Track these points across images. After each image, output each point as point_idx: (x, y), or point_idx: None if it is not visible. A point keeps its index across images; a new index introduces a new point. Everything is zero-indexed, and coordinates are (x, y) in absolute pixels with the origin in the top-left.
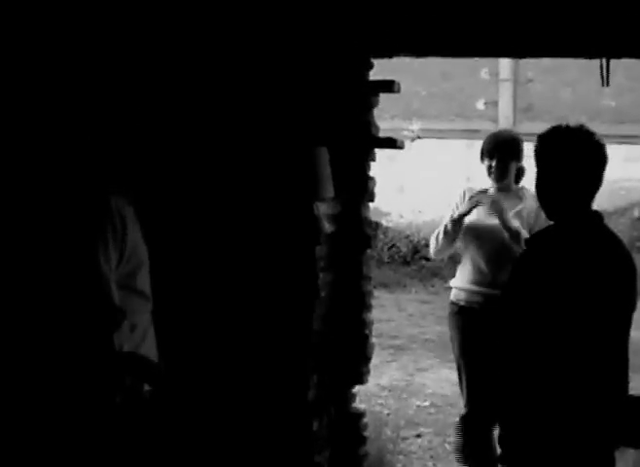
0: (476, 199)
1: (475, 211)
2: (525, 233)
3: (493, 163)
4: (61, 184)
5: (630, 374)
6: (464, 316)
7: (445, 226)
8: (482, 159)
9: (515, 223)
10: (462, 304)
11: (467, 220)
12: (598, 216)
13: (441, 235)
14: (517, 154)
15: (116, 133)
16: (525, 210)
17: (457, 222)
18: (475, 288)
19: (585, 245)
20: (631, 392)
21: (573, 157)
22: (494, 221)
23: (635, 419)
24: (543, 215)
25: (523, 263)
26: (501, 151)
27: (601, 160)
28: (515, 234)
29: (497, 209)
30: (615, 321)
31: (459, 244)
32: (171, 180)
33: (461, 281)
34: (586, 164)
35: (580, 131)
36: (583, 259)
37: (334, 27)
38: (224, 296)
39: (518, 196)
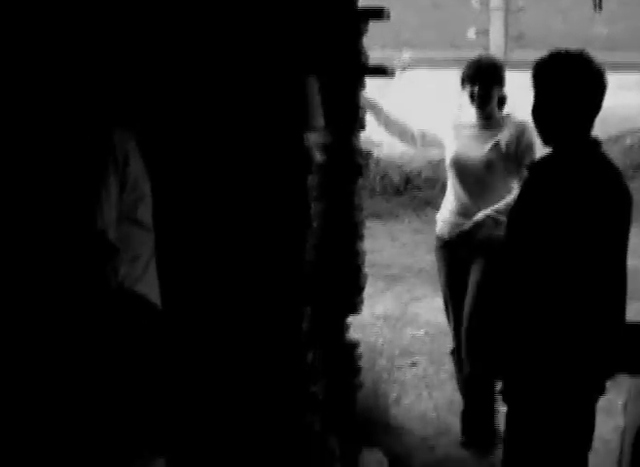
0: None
1: (458, 142)
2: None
3: (475, 90)
4: (63, 115)
5: (628, 301)
6: (448, 249)
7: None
8: (464, 85)
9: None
10: (446, 237)
11: (449, 152)
12: (596, 143)
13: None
14: (500, 79)
15: (119, 65)
16: (503, 141)
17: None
18: (459, 221)
19: (582, 173)
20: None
21: (572, 83)
22: (477, 154)
23: (631, 345)
24: (525, 141)
25: (525, 191)
26: (483, 76)
27: (600, 86)
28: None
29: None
30: (611, 246)
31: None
32: (168, 110)
33: (445, 215)
34: (585, 91)
35: (579, 57)
36: (580, 185)
37: None
38: (216, 226)
39: (500, 124)
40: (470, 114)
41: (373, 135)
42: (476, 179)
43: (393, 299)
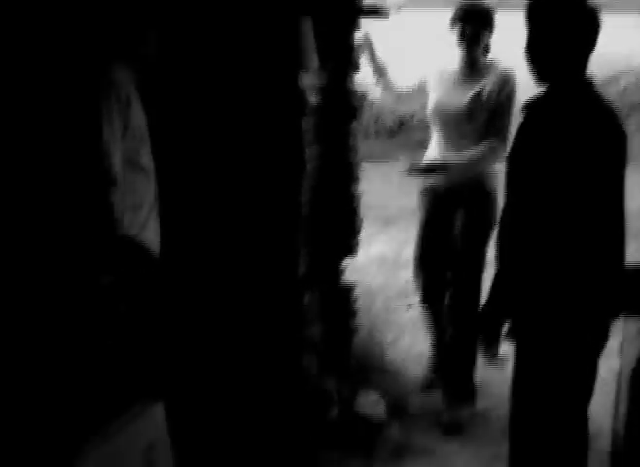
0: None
1: (440, 89)
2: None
3: (466, 30)
4: (61, 51)
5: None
6: (432, 196)
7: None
8: (453, 25)
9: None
10: (427, 184)
11: (432, 99)
12: (590, 82)
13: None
14: (490, 24)
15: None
16: (486, 89)
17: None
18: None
19: (577, 110)
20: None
21: (566, 20)
22: (459, 102)
23: (630, 287)
24: (506, 90)
25: (522, 131)
26: (475, 17)
27: (594, 23)
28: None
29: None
30: (608, 184)
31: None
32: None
33: (429, 160)
34: (579, 28)
35: None
36: (575, 123)
37: None
38: (211, 168)
39: (483, 72)
40: (454, 59)
41: (367, 77)
42: (456, 128)
43: (388, 241)
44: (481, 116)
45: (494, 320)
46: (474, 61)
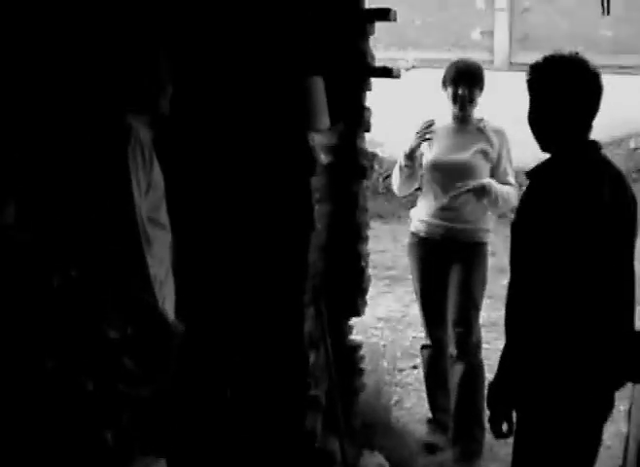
0: (423, 133)
1: (435, 145)
2: (487, 182)
3: (460, 91)
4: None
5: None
6: (424, 247)
7: (400, 162)
8: (445, 86)
9: (483, 167)
10: (422, 235)
11: (428, 156)
12: (595, 145)
13: (397, 172)
14: (481, 83)
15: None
16: (487, 146)
17: (409, 157)
18: (436, 221)
19: (584, 175)
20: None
21: (567, 86)
22: (455, 156)
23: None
24: (505, 148)
25: (527, 198)
26: (467, 78)
27: (596, 88)
28: (480, 189)
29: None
30: (617, 252)
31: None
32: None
33: (422, 213)
34: (581, 93)
35: (574, 60)
36: (583, 189)
37: None
38: (221, 227)
39: (479, 128)
40: (446, 117)
41: (377, 136)
42: (457, 181)
43: (395, 300)
44: (483, 170)
45: (502, 399)
46: (466, 119)
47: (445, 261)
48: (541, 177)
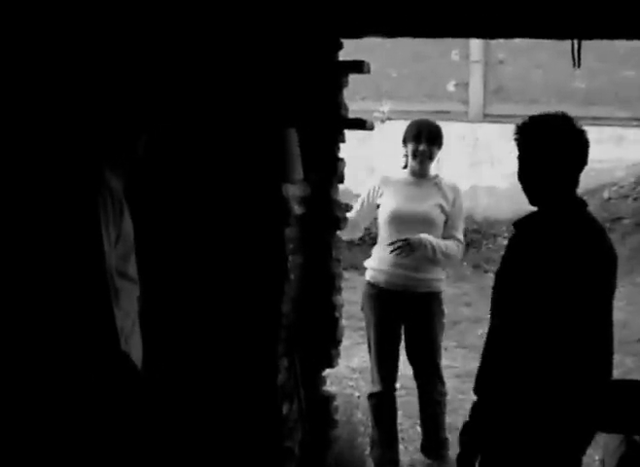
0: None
1: (394, 197)
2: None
3: (420, 148)
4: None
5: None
6: (384, 298)
7: (355, 218)
8: (406, 143)
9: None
10: (382, 285)
11: (388, 206)
12: (582, 203)
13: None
14: (441, 141)
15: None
16: (442, 199)
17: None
18: (397, 271)
19: (569, 232)
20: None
21: (554, 145)
22: (418, 209)
23: (616, 403)
24: (458, 203)
25: (512, 249)
26: (428, 136)
27: (582, 145)
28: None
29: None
30: (597, 304)
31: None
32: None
33: (379, 264)
34: (568, 151)
35: (559, 119)
36: (567, 245)
37: (302, 7)
38: (193, 277)
39: (435, 183)
40: (402, 171)
41: (350, 187)
42: (415, 232)
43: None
44: (439, 221)
45: (471, 450)
46: (424, 174)
47: (404, 310)
48: (527, 228)
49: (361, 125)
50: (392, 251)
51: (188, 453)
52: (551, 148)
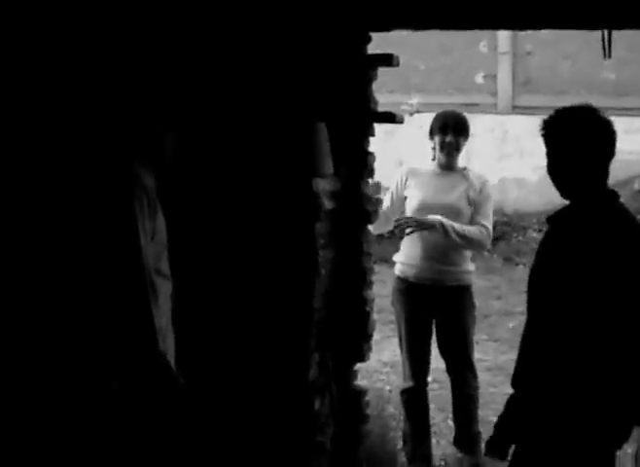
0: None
1: (421, 189)
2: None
3: (447, 139)
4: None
5: None
6: (413, 293)
7: (385, 212)
8: (433, 135)
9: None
10: (411, 280)
11: (415, 198)
12: (613, 194)
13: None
14: (467, 132)
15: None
16: (470, 190)
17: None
18: (425, 264)
19: (604, 227)
20: None
21: (582, 137)
22: (446, 200)
23: None
24: (485, 192)
25: (547, 246)
26: (454, 127)
27: (609, 136)
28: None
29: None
30: (636, 298)
31: None
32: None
33: (409, 258)
34: (596, 143)
35: (585, 111)
36: (603, 240)
37: (331, 1)
38: (224, 274)
39: (463, 174)
40: (430, 163)
41: (381, 180)
42: None
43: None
44: (467, 212)
45: (502, 447)
46: (451, 166)
47: (435, 304)
48: (561, 223)
49: (390, 118)
50: (395, 228)
51: (222, 449)
52: (577, 140)
